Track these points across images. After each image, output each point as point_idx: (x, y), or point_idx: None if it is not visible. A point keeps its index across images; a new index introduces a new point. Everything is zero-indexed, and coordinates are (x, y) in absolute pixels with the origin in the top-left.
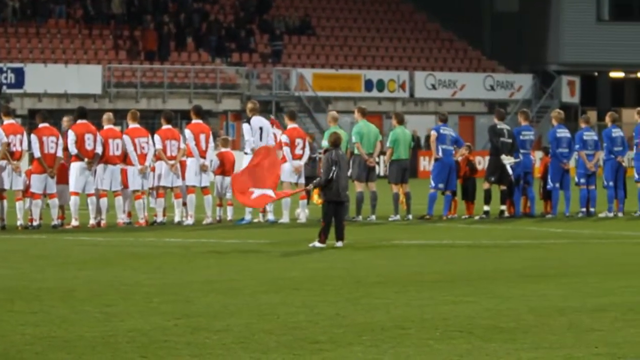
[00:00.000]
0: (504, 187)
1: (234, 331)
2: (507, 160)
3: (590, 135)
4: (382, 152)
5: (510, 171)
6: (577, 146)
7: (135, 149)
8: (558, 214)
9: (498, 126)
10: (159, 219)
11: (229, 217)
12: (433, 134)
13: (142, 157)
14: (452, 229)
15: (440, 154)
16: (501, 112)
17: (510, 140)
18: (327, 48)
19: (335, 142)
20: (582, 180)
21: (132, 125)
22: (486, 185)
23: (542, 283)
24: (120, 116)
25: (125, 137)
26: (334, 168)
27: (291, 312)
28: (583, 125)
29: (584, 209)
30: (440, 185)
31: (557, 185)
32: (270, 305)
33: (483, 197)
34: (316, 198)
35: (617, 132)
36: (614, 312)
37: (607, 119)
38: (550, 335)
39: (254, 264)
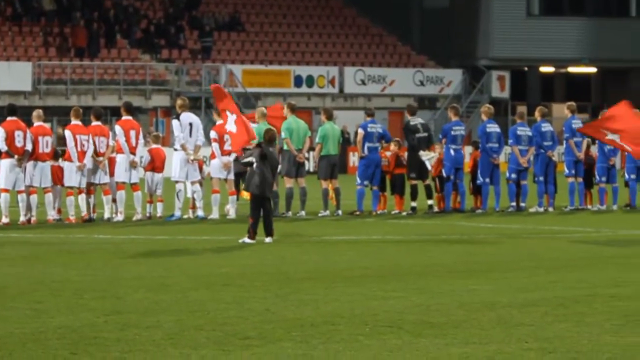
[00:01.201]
0: (427, 182)
1: (164, 327)
2: (426, 157)
3: (525, 131)
4: (312, 148)
5: (429, 166)
6: (510, 141)
7: (76, 146)
8: (488, 209)
9: (411, 122)
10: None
11: (159, 214)
12: (360, 132)
13: (82, 154)
14: (382, 224)
15: (366, 151)
16: (412, 106)
17: (426, 134)
18: (256, 44)
19: (271, 138)
20: (514, 176)
21: (75, 122)
22: (411, 182)
23: (472, 278)
24: (50, 113)
25: (67, 133)
26: (250, 159)
27: (221, 308)
28: (518, 120)
29: (514, 204)
30: (366, 182)
31: (487, 180)
32: (200, 301)
33: (410, 193)
34: (245, 193)
35: (546, 127)
36: (543, 306)
37: (537, 114)
38: (480, 330)
39: (183, 261)
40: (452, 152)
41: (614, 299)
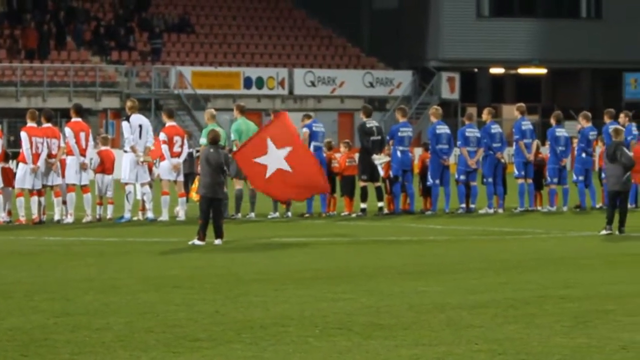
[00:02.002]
0: (378, 185)
1: (113, 329)
2: (378, 160)
3: (473, 132)
4: None
5: (381, 171)
6: (459, 142)
7: (32, 148)
8: (438, 211)
9: (367, 124)
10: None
11: (109, 216)
12: (306, 131)
13: (36, 157)
14: (332, 226)
15: (312, 151)
16: (368, 108)
17: (379, 138)
18: (206, 46)
19: (214, 139)
20: (462, 177)
21: (30, 124)
22: (362, 183)
23: (422, 280)
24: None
25: (23, 135)
26: (204, 164)
27: (171, 310)
28: (466, 122)
29: (463, 205)
30: None
31: (437, 181)
32: (150, 303)
33: (360, 195)
34: (194, 195)
35: (496, 128)
36: (493, 308)
37: (486, 115)
38: (429, 332)
39: (133, 263)
40: (399, 153)
41: (564, 301)
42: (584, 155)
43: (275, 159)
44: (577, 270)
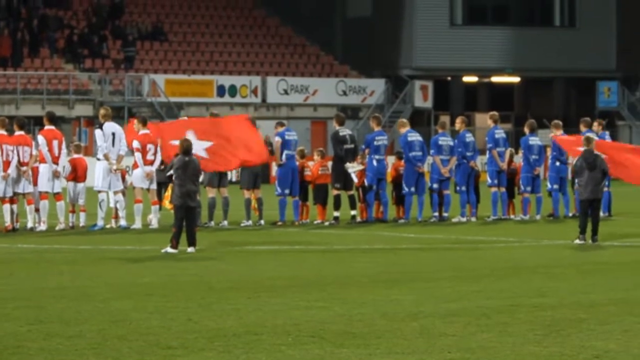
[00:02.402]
0: (351, 193)
1: (86, 337)
2: (352, 169)
3: (446, 141)
4: None
5: (355, 179)
6: (432, 151)
7: (2, 155)
8: (411, 219)
9: (340, 133)
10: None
11: (82, 224)
12: (278, 140)
13: (7, 164)
14: (305, 234)
15: (284, 159)
16: (341, 116)
17: (352, 146)
18: (179, 54)
19: (187, 149)
20: (435, 185)
21: (1, 132)
22: (335, 192)
23: (395, 288)
24: None
25: None
26: (172, 172)
27: (144, 318)
28: (439, 130)
29: (436, 214)
30: (286, 191)
31: (412, 189)
32: (123, 311)
33: (333, 203)
34: (167, 203)
35: (469, 137)
36: (466, 317)
37: (459, 124)
38: (402, 340)
39: (106, 270)
40: (374, 162)
41: (537, 309)
42: (557, 163)
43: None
44: (550, 279)
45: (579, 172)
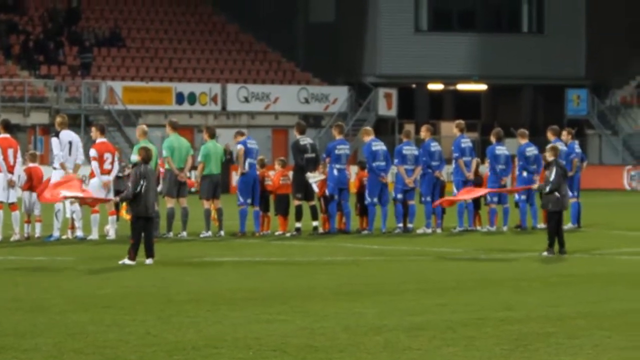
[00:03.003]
0: (312, 203)
1: (42, 350)
2: (313, 179)
3: (410, 150)
4: (194, 167)
5: (315, 189)
6: (396, 160)
7: None
8: (374, 230)
9: (301, 142)
10: None
11: (37, 234)
12: (240, 148)
13: None
14: (266, 246)
15: (247, 167)
16: (301, 124)
17: (313, 155)
18: (137, 60)
19: (146, 158)
20: (400, 196)
21: None
22: (296, 202)
23: (358, 301)
24: None
25: None
26: (142, 182)
27: (101, 331)
28: (404, 139)
29: (401, 225)
30: (248, 201)
31: (376, 200)
32: (80, 324)
33: (294, 214)
34: (125, 213)
35: (435, 146)
36: (431, 330)
37: (425, 133)
38: (366, 354)
39: (62, 282)
40: (335, 171)
41: (503, 323)
42: (525, 174)
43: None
44: (517, 292)
45: (556, 182)
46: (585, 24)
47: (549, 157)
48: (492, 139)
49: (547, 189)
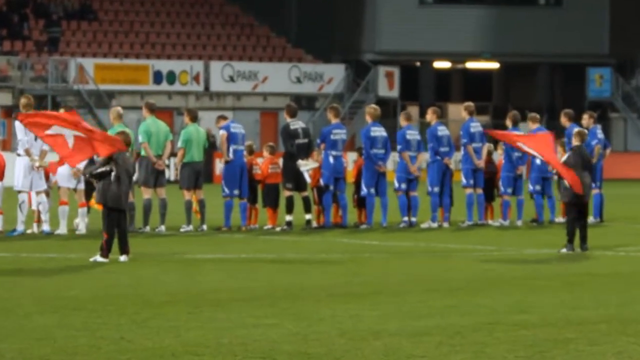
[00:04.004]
0: (305, 194)
1: (5, 357)
2: (305, 167)
3: (413, 135)
4: (173, 154)
5: (308, 178)
6: (399, 147)
7: None
8: (374, 224)
9: (291, 126)
10: None
11: None
12: (223, 133)
13: None
14: (253, 241)
15: (231, 155)
16: (292, 107)
17: (306, 141)
18: (110, 35)
19: (125, 142)
20: (403, 186)
21: None
22: (286, 193)
23: (356, 302)
24: None
25: None
26: (108, 167)
27: (70, 336)
28: (404, 124)
29: (405, 219)
30: (235, 192)
31: (373, 190)
32: (47, 327)
33: (285, 206)
34: (97, 205)
35: (443, 131)
36: (438, 335)
37: (431, 115)
38: None
39: (28, 281)
40: (331, 159)
41: (518, 327)
42: (538, 161)
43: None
44: (533, 292)
45: (571, 161)
46: None
47: (575, 142)
48: (508, 123)
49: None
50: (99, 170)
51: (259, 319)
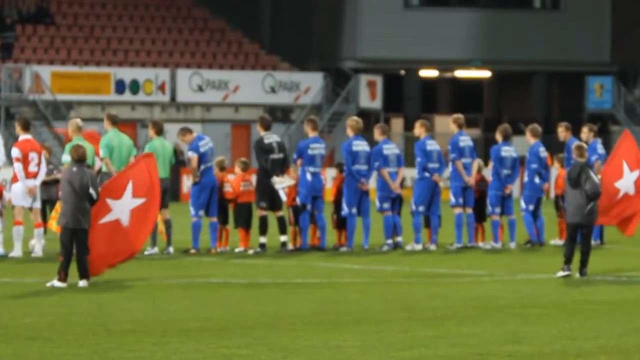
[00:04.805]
0: (280, 214)
1: None
2: (280, 184)
3: (391, 149)
4: None
5: (283, 197)
6: (377, 163)
7: None
8: (355, 247)
9: (265, 140)
10: None
11: None
12: (193, 156)
13: None
14: (223, 265)
15: (200, 174)
16: (266, 119)
17: (281, 156)
18: (68, 41)
19: (81, 157)
20: (386, 205)
21: None
22: (260, 212)
23: (335, 332)
24: None
25: None
26: (66, 187)
27: None
28: (380, 138)
29: (389, 241)
30: (201, 213)
31: (354, 210)
32: (0, 359)
33: (258, 227)
34: (54, 225)
35: (432, 145)
36: None
37: (419, 129)
38: None
39: None
40: (309, 175)
41: (511, 359)
42: (537, 180)
43: (122, 206)
44: (527, 321)
45: (566, 189)
46: None
47: (575, 157)
48: (498, 137)
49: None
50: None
51: (230, 350)
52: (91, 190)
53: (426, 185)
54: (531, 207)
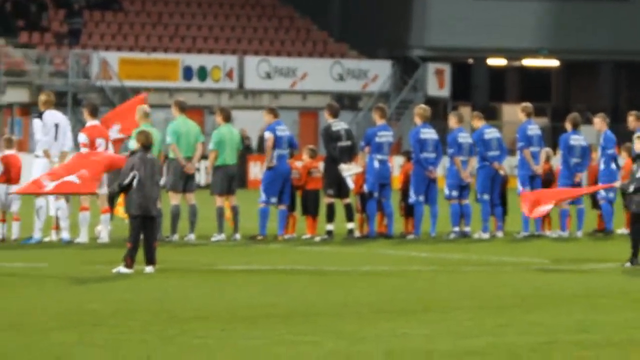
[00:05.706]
0: (347, 201)
1: None
2: (347, 172)
3: (465, 138)
4: (204, 157)
5: (351, 184)
6: (451, 150)
7: None
8: (422, 234)
9: (333, 127)
10: None
11: (15, 236)
12: (269, 136)
13: None
14: (290, 252)
15: (275, 160)
16: (334, 107)
17: (349, 143)
18: (136, 27)
19: (146, 143)
20: (454, 193)
21: None
22: (327, 200)
23: (402, 320)
24: None
25: None
26: (132, 173)
27: (91, 354)
28: (455, 126)
29: (456, 229)
30: (273, 199)
31: (422, 198)
32: (65, 345)
33: (325, 214)
34: (121, 212)
35: (491, 133)
36: (491, 356)
37: (475, 121)
38: None
39: (45, 294)
40: (376, 163)
41: (578, 348)
42: (613, 166)
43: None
44: (594, 310)
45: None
46: None
47: (638, 148)
48: (568, 126)
49: (631, 188)
50: (125, 182)
51: (296, 337)
52: (158, 178)
53: (487, 173)
54: (611, 195)
